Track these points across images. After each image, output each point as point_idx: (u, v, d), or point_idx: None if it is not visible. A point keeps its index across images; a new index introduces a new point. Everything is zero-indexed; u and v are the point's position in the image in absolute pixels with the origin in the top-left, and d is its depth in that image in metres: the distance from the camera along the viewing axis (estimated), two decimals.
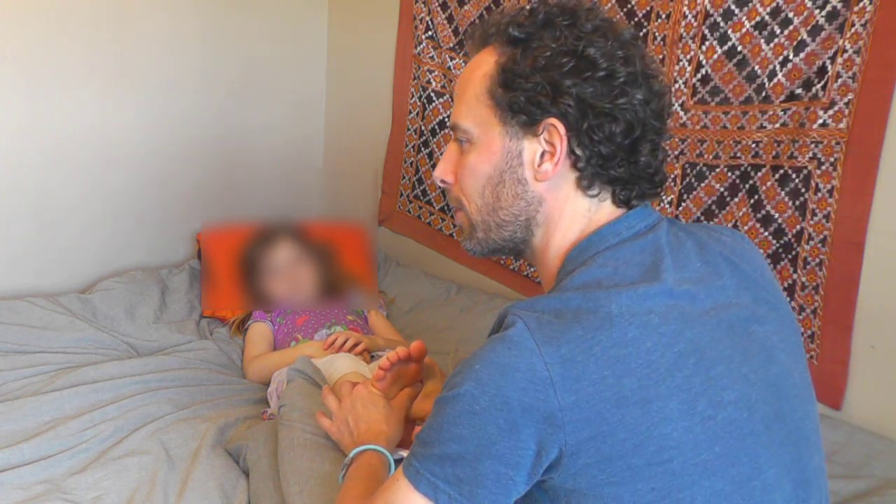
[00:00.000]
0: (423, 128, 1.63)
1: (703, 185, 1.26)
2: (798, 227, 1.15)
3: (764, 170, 1.18)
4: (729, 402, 0.56)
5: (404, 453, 0.83)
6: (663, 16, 1.26)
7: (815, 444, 0.62)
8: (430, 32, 1.57)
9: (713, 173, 1.24)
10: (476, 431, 0.54)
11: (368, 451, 0.79)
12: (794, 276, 1.16)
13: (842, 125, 1.08)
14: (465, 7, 1.49)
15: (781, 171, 1.16)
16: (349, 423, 0.86)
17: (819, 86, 1.09)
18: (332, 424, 0.89)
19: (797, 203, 1.15)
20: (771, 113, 1.16)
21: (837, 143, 1.08)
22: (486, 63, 0.64)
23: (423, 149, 1.64)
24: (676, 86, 1.26)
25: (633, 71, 0.61)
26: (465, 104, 0.65)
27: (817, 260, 1.14)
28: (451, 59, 1.55)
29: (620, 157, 0.62)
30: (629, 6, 1.28)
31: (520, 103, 0.61)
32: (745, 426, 0.57)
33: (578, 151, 0.61)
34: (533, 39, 0.62)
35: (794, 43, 1.12)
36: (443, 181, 0.69)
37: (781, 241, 1.18)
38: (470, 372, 0.55)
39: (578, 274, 0.59)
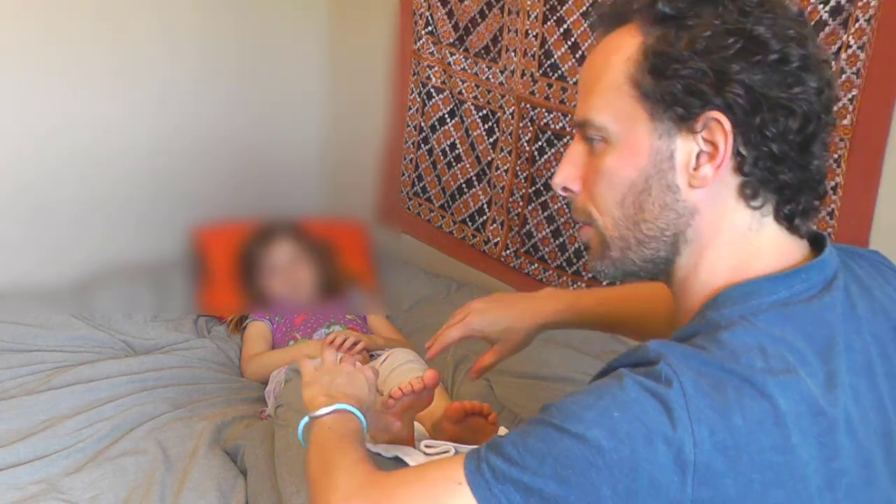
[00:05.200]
0: (422, 124, 1.62)
1: None
2: None
3: None
4: None
5: (408, 459, 0.80)
6: None
7: None
8: (429, 27, 1.56)
9: None
10: (586, 485, 0.47)
11: (350, 414, 0.69)
12: None
13: (846, 122, 1.06)
14: (466, 2, 1.48)
15: None
16: (338, 376, 0.75)
17: None
18: (314, 370, 0.77)
19: None
20: None
21: (841, 140, 1.07)
22: (626, 45, 0.54)
23: (422, 145, 1.63)
24: None
25: (806, 54, 0.52)
26: (599, 96, 0.55)
27: None
28: (452, 54, 1.53)
29: (792, 157, 0.52)
30: None
31: (676, 93, 0.51)
32: None
33: (744, 152, 0.51)
34: (688, 17, 0.52)
35: None
36: (566, 189, 0.58)
37: None
38: (605, 416, 0.47)
39: (741, 329, 0.49)
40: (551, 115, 1.38)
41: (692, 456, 0.45)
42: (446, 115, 1.57)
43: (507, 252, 1.50)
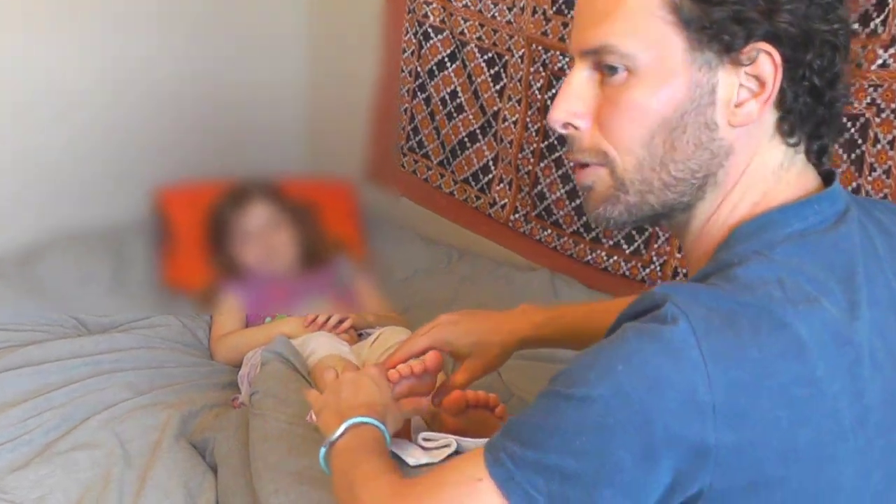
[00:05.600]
0: (419, 69, 1.56)
1: None
2: (854, 183, 1.07)
3: None
4: None
5: (404, 455, 0.75)
6: None
7: None
8: None
9: None
10: (602, 451, 0.46)
11: (365, 425, 0.69)
12: None
13: None
14: None
15: None
16: (343, 389, 0.75)
17: (878, 20, 1.01)
18: (320, 396, 0.78)
19: (853, 156, 1.06)
20: None
21: None
22: None
23: (419, 93, 1.57)
24: None
25: None
26: (624, 19, 0.52)
27: None
28: None
29: (827, 94, 0.53)
30: None
31: (723, 21, 0.50)
32: None
33: (786, 86, 0.51)
34: None
35: None
36: (568, 125, 0.55)
37: None
38: (608, 372, 0.46)
39: (755, 262, 0.49)
40: (566, 59, 1.31)
41: (709, 397, 0.44)
42: (446, 59, 1.50)
43: (516, 216, 1.45)
